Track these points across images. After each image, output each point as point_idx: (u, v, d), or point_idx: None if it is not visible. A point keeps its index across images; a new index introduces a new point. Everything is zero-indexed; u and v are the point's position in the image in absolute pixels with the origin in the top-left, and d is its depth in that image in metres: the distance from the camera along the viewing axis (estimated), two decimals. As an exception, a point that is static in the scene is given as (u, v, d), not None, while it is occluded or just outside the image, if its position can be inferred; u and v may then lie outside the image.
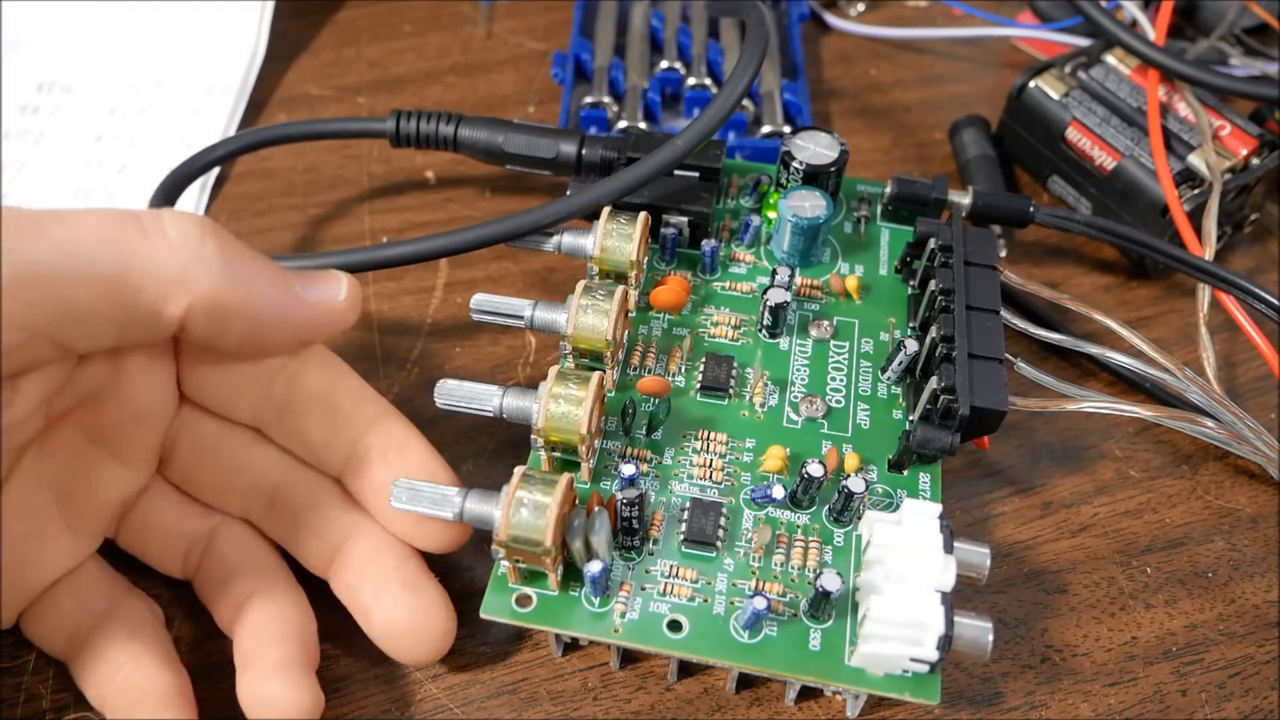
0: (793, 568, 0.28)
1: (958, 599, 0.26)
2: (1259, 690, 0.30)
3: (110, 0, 0.49)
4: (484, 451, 0.34)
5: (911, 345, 0.31)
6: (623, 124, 0.42)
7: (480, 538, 0.31)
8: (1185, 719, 0.29)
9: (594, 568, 0.26)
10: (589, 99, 0.43)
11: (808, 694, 0.29)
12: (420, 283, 0.39)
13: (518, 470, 0.26)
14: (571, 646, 0.29)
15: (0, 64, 0.46)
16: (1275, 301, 0.33)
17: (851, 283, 0.34)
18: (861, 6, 0.51)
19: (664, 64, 0.44)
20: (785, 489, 0.29)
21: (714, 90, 0.43)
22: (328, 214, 0.41)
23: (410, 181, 0.42)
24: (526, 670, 0.29)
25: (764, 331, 0.33)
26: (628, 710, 0.29)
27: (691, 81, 0.44)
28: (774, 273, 0.32)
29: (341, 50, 0.48)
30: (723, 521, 0.28)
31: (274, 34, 0.48)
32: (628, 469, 0.28)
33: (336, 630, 0.29)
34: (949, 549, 0.26)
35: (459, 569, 0.31)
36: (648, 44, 0.46)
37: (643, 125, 0.42)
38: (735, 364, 0.32)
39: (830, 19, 0.50)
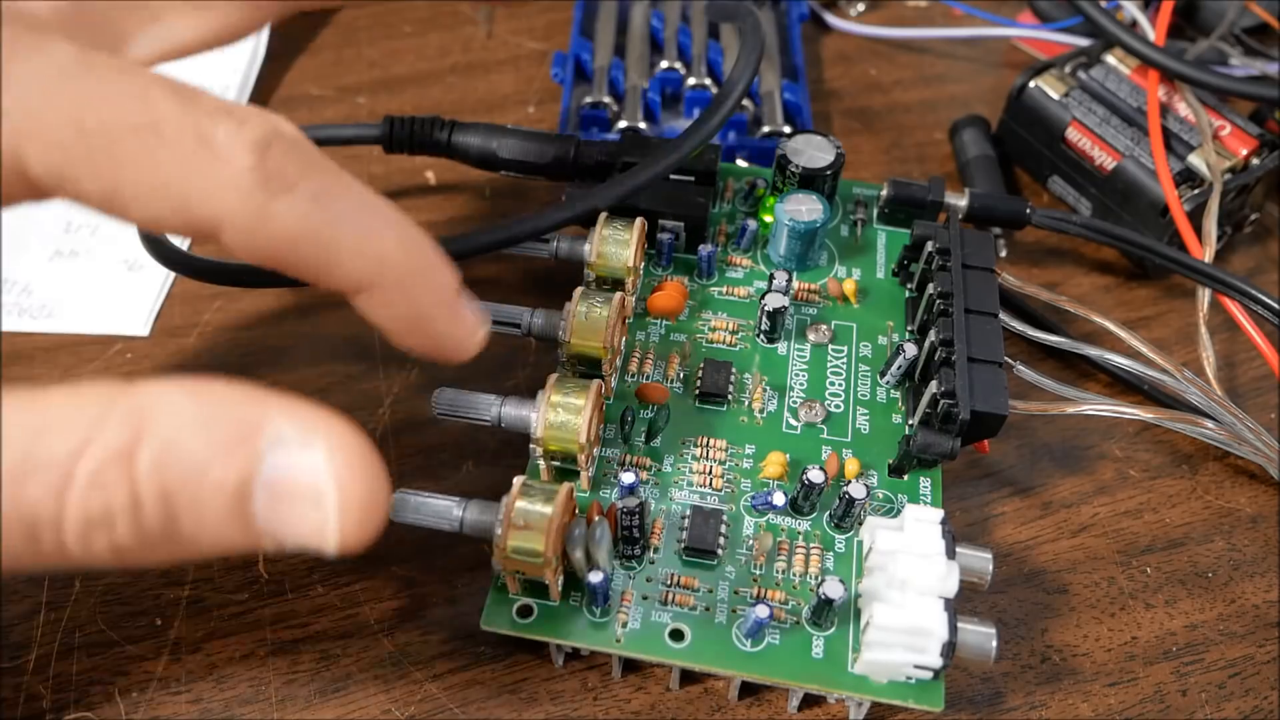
0: (794, 575, 0.28)
1: (958, 599, 0.26)
2: (1259, 690, 0.30)
3: (109, 1, 0.49)
4: (484, 451, 0.34)
5: (910, 349, 0.31)
6: (623, 124, 0.42)
7: (476, 547, 0.31)
8: (1185, 719, 0.29)
9: (595, 577, 0.26)
10: (589, 99, 0.43)
11: (810, 700, 0.29)
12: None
13: (517, 480, 0.27)
14: (572, 656, 0.29)
15: (0, 66, 0.45)
16: (1274, 304, 0.33)
17: (849, 286, 0.34)
18: (861, 6, 0.51)
19: (664, 64, 0.44)
20: (786, 495, 0.29)
21: (714, 90, 0.43)
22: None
23: (410, 182, 0.42)
24: (526, 670, 0.29)
25: (762, 336, 0.33)
26: (628, 710, 0.29)
27: (691, 81, 0.43)
28: (771, 277, 0.32)
29: (341, 50, 0.48)
30: (723, 529, 0.28)
31: (274, 34, 0.47)
32: (627, 477, 0.28)
33: (336, 630, 0.30)
34: (951, 555, 0.26)
35: (458, 576, 0.31)
36: (648, 44, 0.45)
37: (643, 125, 0.42)
38: (734, 370, 0.32)
39: (830, 19, 0.49)
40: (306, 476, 0.20)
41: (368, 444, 0.20)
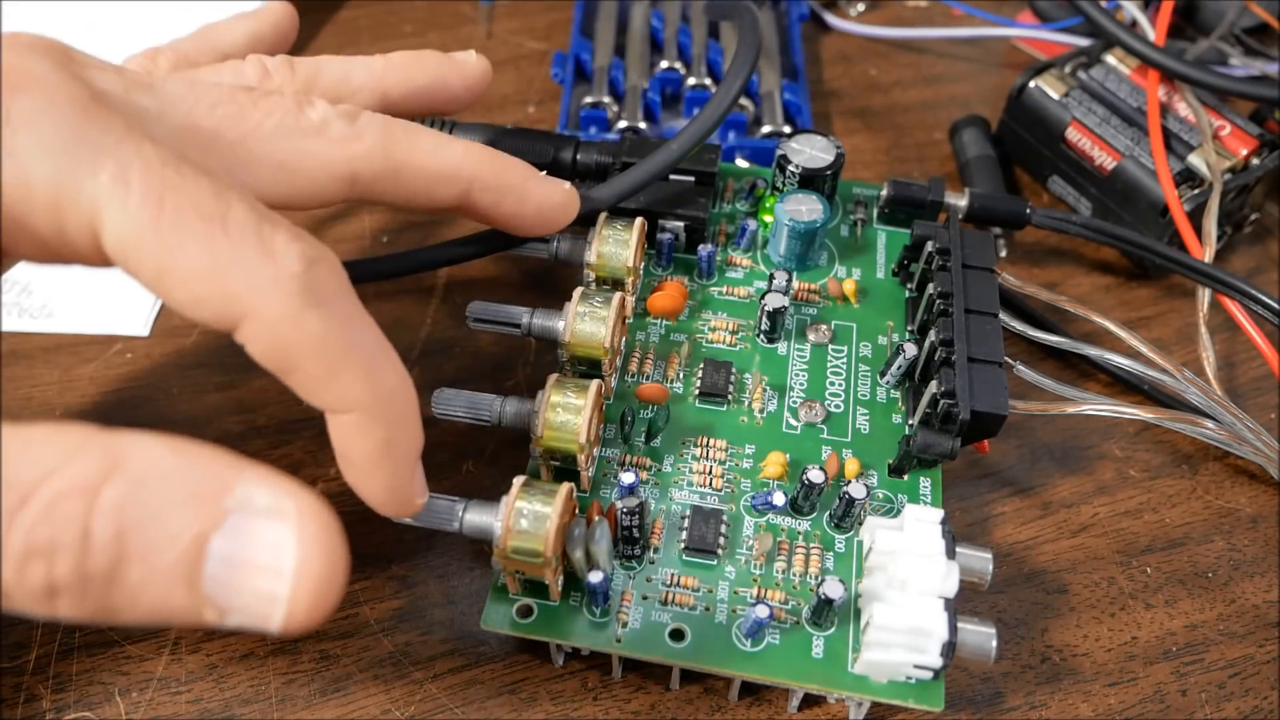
0: (794, 575, 0.28)
1: (958, 599, 0.26)
2: (1259, 690, 0.30)
3: (112, 0, 0.49)
4: (484, 451, 0.34)
5: (910, 349, 0.31)
6: (623, 124, 0.42)
7: (475, 547, 0.31)
8: (1185, 719, 0.29)
9: (595, 577, 0.26)
10: (589, 99, 0.43)
11: (810, 700, 0.29)
12: (420, 282, 0.39)
13: (517, 480, 0.27)
14: (572, 655, 0.29)
15: (0, 66, 0.45)
16: (1273, 304, 0.33)
17: (849, 286, 0.34)
18: (861, 6, 0.51)
19: (664, 64, 0.44)
20: (786, 495, 0.29)
21: (714, 90, 0.43)
22: (328, 214, 0.41)
23: (410, 183, 0.42)
24: (526, 670, 0.29)
25: (762, 336, 0.33)
26: (628, 710, 0.29)
27: (691, 81, 0.44)
28: (771, 277, 0.32)
29: (341, 50, 0.47)
30: (723, 529, 0.28)
31: (273, 34, 0.47)
32: (627, 477, 0.28)
33: (336, 630, 0.30)
34: (951, 555, 0.26)
35: (458, 576, 0.31)
36: (648, 44, 0.45)
37: (643, 125, 0.42)
38: (733, 370, 0.32)
39: (830, 19, 0.49)
40: (269, 546, 0.20)
41: (337, 525, 0.20)
